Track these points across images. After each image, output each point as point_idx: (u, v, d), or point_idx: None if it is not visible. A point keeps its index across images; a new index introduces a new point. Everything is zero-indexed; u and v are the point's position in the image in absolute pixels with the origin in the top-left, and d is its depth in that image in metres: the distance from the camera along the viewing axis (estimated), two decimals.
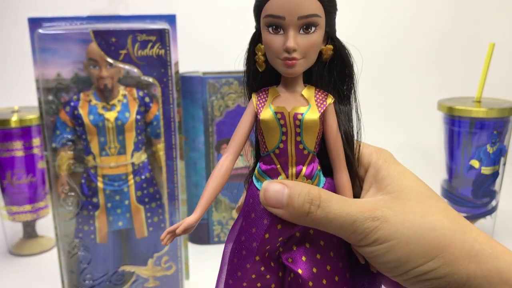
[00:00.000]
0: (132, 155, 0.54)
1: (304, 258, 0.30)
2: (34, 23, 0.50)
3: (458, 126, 0.69)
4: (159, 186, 0.56)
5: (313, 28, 0.28)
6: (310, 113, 0.29)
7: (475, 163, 0.69)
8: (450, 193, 0.72)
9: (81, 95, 0.52)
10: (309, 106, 0.29)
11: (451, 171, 0.72)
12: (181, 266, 0.59)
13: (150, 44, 0.52)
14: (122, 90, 0.53)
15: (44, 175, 0.72)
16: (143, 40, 0.51)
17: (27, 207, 0.71)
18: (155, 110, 0.54)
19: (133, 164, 0.55)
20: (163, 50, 0.52)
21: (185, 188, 0.66)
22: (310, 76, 0.31)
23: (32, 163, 0.70)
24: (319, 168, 0.31)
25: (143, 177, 0.55)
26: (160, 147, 0.55)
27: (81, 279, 0.56)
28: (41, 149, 0.70)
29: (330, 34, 0.30)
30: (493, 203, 0.71)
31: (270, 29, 0.28)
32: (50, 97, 0.52)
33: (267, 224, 0.30)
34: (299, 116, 0.29)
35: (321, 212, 0.28)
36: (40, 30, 0.50)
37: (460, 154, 0.70)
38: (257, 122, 0.30)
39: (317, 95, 0.30)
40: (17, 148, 0.68)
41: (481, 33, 1.01)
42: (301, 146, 0.29)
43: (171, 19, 0.55)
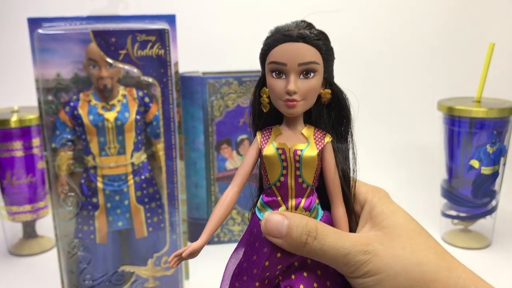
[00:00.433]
0: (132, 155, 0.54)
1: (302, 287, 0.32)
2: (34, 23, 0.50)
3: (458, 126, 0.69)
4: (159, 186, 0.56)
5: (312, 74, 0.30)
6: (309, 150, 0.31)
7: (475, 163, 0.69)
8: (450, 193, 0.72)
9: (81, 95, 0.52)
10: (308, 144, 0.32)
11: (451, 171, 0.72)
12: (181, 266, 0.59)
13: (150, 44, 0.52)
14: (122, 90, 0.53)
15: (44, 175, 0.72)
16: (143, 40, 0.51)
17: (27, 207, 0.71)
18: (155, 110, 0.54)
19: (133, 164, 0.55)
20: (163, 50, 0.52)
21: (185, 188, 0.66)
22: (310, 117, 0.33)
23: (32, 163, 0.70)
24: (318, 202, 0.33)
25: (143, 177, 0.55)
26: (160, 147, 0.55)
27: (81, 279, 0.56)
28: (41, 149, 0.70)
29: (328, 80, 0.32)
30: (493, 203, 0.71)
31: (274, 74, 0.31)
32: (50, 97, 0.52)
33: (268, 253, 0.32)
34: (299, 152, 0.31)
35: (317, 244, 0.29)
36: (40, 30, 0.50)
37: (460, 154, 0.70)
38: (261, 158, 0.33)
39: (316, 134, 0.32)
40: (17, 148, 0.68)
41: (481, 33, 1.01)
42: (300, 180, 0.32)
43: (171, 19, 0.55)
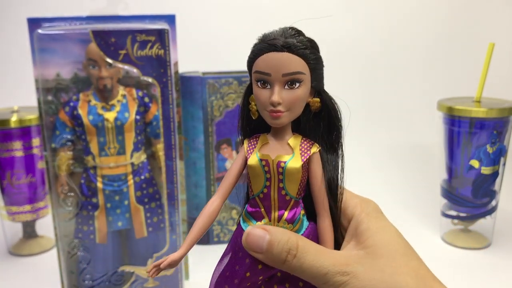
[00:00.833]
0: (132, 155, 0.54)
1: None
2: (34, 23, 0.50)
3: (458, 126, 0.69)
4: (159, 186, 0.56)
5: (297, 84, 0.30)
6: (293, 161, 0.31)
7: (475, 163, 0.69)
8: (450, 193, 0.72)
9: (81, 95, 0.52)
10: (293, 155, 0.31)
11: (451, 171, 0.72)
12: (181, 266, 0.59)
13: (150, 44, 0.52)
14: (122, 90, 0.53)
15: (44, 175, 0.72)
16: (143, 40, 0.51)
17: (27, 207, 0.71)
18: (155, 110, 0.54)
19: (133, 164, 0.55)
20: (163, 50, 0.52)
21: (185, 188, 0.66)
22: (300, 125, 0.33)
23: (32, 163, 0.70)
24: (303, 213, 0.33)
25: (143, 177, 0.55)
26: (160, 147, 0.55)
27: (81, 279, 0.56)
28: (41, 149, 0.70)
29: (317, 88, 0.31)
30: (493, 203, 0.71)
31: (259, 84, 0.30)
32: (50, 97, 0.52)
33: (249, 264, 0.31)
34: (282, 164, 0.31)
35: (297, 262, 0.29)
36: (40, 30, 0.50)
37: (460, 154, 0.70)
38: (246, 167, 0.32)
39: (303, 144, 0.32)
40: (17, 148, 0.68)
41: (481, 33, 1.01)
42: (283, 192, 0.31)
43: (171, 19, 0.55)
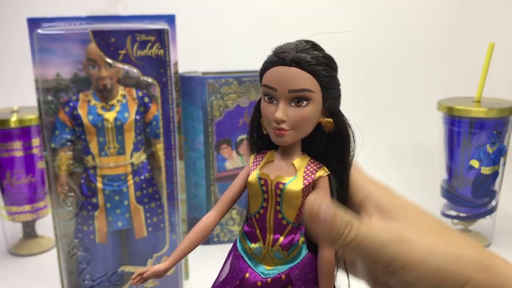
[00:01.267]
0: (132, 155, 0.54)
1: None
2: (33, 23, 0.50)
3: (458, 126, 0.69)
4: (159, 186, 0.56)
5: (305, 102, 0.28)
6: (293, 184, 0.29)
7: (475, 163, 0.69)
8: (450, 193, 0.72)
9: (80, 95, 0.52)
10: (295, 177, 0.29)
11: (451, 171, 0.72)
12: (181, 266, 0.59)
13: (149, 44, 0.52)
14: (121, 90, 0.53)
15: (44, 175, 0.72)
16: (142, 40, 0.51)
17: (27, 207, 0.71)
18: (155, 110, 0.54)
19: (133, 164, 0.55)
20: (162, 50, 0.52)
21: (185, 188, 0.66)
22: (311, 145, 0.31)
23: (32, 163, 0.70)
24: (303, 240, 0.30)
25: (143, 177, 0.55)
26: (160, 147, 0.55)
27: (81, 279, 0.56)
28: (41, 149, 0.70)
29: (330, 109, 0.29)
30: (493, 203, 0.71)
31: (266, 98, 0.29)
32: (50, 97, 0.52)
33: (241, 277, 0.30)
34: (281, 186, 0.29)
35: (353, 234, 0.27)
36: (39, 30, 0.50)
37: (460, 154, 0.70)
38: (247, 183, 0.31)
39: (309, 166, 0.29)
40: (17, 148, 0.68)
41: (481, 33, 1.01)
42: (280, 216, 0.29)
43: (170, 19, 0.55)
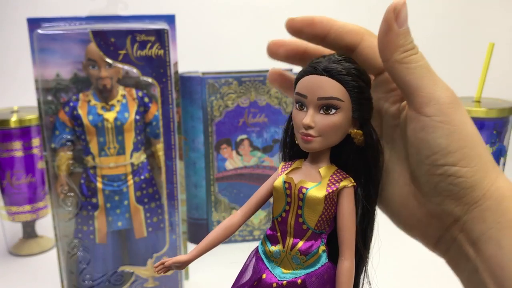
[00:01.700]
0: (132, 155, 0.54)
1: None
2: (33, 24, 0.50)
3: None
4: (159, 186, 0.56)
5: (333, 110, 0.29)
6: (316, 190, 0.29)
7: None
8: None
9: (80, 96, 0.52)
10: (319, 183, 0.30)
11: None
12: None
13: (149, 45, 0.52)
14: (121, 91, 0.53)
15: (44, 175, 0.72)
16: (142, 41, 0.51)
17: (27, 207, 0.71)
18: (154, 110, 0.54)
19: (132, 165, 0.55)
20: (162, 50, 0.52)
21: (185, 188, 0.66)
22: (341, 156, 0.31)
23: (32, 163, 0.70)
24: (324, 249, 0.30)
25: (142, 177, 0.55)
26: (160, 147, 0.55)
27: (81, 280, 0.56)
28: (41, 149, 0.70)
29: (360, 120, 0.30)
30: None
31: (297, 105, 0.30)
32: (49, 98, 0.52)
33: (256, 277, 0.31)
34: (303, 190, 0.29)
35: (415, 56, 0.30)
36: (39, 31, 0.50)
37: None
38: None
39: (334, 175, 0.30)
40: (17, 148, 0.68)
41: (481, 33, 1.01)
42: (301, 220, 0.30)
43: (170, 19, 0.55)
